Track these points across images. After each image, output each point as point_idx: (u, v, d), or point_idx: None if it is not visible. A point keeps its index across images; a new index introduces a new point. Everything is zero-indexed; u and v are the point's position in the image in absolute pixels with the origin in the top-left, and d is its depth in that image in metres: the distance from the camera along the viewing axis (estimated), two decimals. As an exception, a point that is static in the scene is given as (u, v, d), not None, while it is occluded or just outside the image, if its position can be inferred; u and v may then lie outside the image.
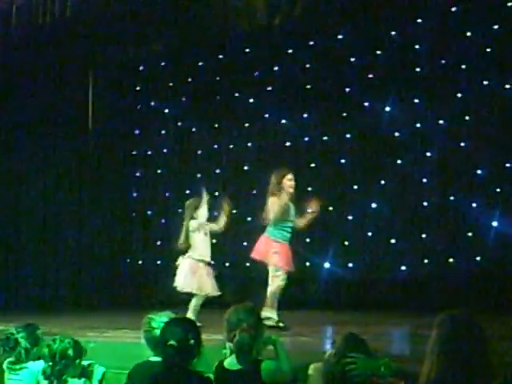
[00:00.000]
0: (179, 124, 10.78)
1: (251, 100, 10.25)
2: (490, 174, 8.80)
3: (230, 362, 3.73)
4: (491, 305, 7.49)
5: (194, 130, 10.65)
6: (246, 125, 10.30)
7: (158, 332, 3.76)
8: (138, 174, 11.02)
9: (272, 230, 7.02)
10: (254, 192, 9.64)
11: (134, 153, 11.08)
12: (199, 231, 7.32)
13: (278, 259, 6.97)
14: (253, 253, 7.16)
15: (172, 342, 3.40)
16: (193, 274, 7.20)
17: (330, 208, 9.57)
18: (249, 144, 10.27)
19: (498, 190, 8.72)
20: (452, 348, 2.59)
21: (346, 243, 9.56)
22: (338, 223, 9.64)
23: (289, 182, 7.11)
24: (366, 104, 9.59)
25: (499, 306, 7.43)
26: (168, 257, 10.50)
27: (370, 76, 9.53)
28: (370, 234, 9.48)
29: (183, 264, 7.28)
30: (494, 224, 8.65)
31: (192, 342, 3.44)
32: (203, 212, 7.40)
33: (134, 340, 4.80)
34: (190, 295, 7.20)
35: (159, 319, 3.99)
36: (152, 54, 10.50)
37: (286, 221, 7.05)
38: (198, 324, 3.83)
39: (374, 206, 9.46)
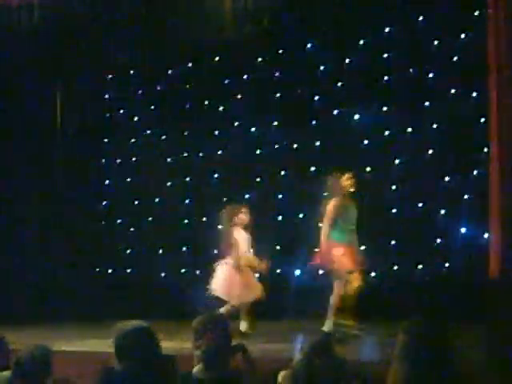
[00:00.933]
0: (148, 132, 10.73)
1: (221, 108, 10.25)
2: (457, 182, 8.89)
3: (198, 371, 3.70)
4: (459, 312, 7.53)
5: (163, 138, 10.61)
6: (216, 133, 10.29)
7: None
8: (106, 183, 10.94)
9: (332, 232, 7.03)
10: (224, 199, 9.62)
11: (103, 161, 11.00)
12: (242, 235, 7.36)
13: (343, 262, 6.89)
14: (315, 259, 7.12)
15: (129, 352, 3.35)
16: (228, 281, 7.20)
17: (300, 216, 9.60)
18: (219, 152, 10.26)
19: (466, 196, 8.81)
20: (417, 354, 2.59)
21: (316, 250, 9.55)
22: (308, 231, 9.63)
23: (348, 181, 7.13)
24: (335, 112, 9.65)
25: (467, 313, 7.48)
26: (138, 265, 10.55)
27: (339, 85, 9.59)
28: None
29: (221, 270, 7.22)
30: (462, 231, 8.74)
31: (147, 352, 3.37)
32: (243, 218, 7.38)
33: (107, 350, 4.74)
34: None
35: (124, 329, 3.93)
36: (121, 61, 10.45)
37: (346, 222, 7.01)
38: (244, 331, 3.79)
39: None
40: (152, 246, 10.38)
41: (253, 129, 10.12)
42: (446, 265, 8.80)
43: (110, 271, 10.68)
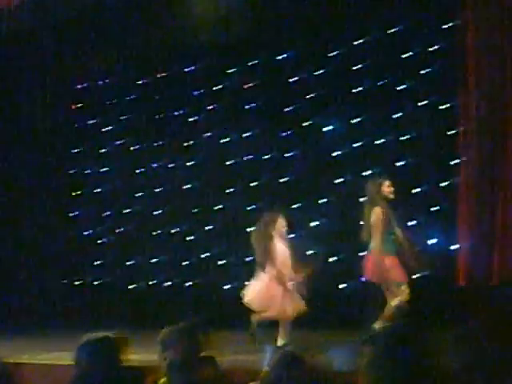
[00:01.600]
0: (118, 142, 10.66)
1: (192, 118, 10.21)
2: (427, 193, 8.92)
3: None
4: (427, 320, 7.55)
5: (133, 148, 10.54)
6: (187, 143, 10.25)
7: None
8: (75, 194, 10.83)
9: (380, 243, 6.73)
10: (195, 210, 9.60)
11: (72, 172, 10.90)
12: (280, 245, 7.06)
13: (398, 273, 6.70)
14: (366, 275, 6.82)
15: (87, 365, 3.28)
16: (267, 293, 6.94)
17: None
18: (190, 163, 10.21)
19: (437, 208, 8.85)
20: (387, 363, 2.56)
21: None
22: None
23: (389, 188, 6.90)
24: (307, 123, 9.67)
25: (435, 321, 7.49)
26: (107, 276, 10.44)
27: (311, 95, 9.62)
28: (310, 251, 9.49)
29: (261, 280, 6.99)
30: (433, 241, 8.77)
31: (102, 364, 3.30)
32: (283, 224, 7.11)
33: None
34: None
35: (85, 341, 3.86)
36: (91, 71, 10.38)
37: (390, 231, 6.78)
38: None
39: (314, 224, 9.48)
40: (122, 256, 10.29)
41: (225, 139, 10.09)
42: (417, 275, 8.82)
43: (77, 283, 10.56)
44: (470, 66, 5.63)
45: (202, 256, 9.94)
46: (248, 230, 9.69)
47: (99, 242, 10.56)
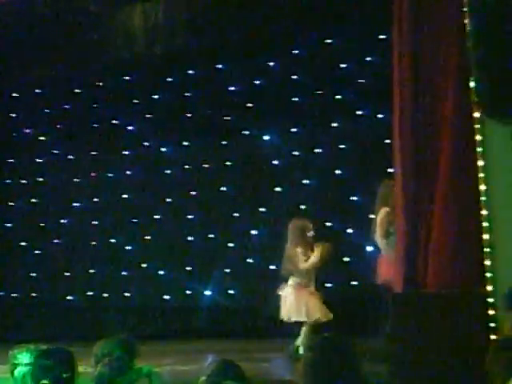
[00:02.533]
0: (55, 152, 10.50)
1: (130, 128, 10.15)
2: (364, 201, 9.07)
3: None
4: (366, 328, 7.67)
5: (70, 157, 10.40)
6: (125, 153, 10.17)
7: (21, 368, 3.59)
8: (12, 204, 10.62)
9: (387, 243, 6.63)
10: (134, 220, 9.54)
11: (7, 181, 10.68)
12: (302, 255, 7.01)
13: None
14: (382, 279, 6.62)
15: (44, 382, 3.23)
16: (297, 300, 6.88)
17: (211, 236, 9.61)
18: (128, 172, 10.14)
19: (373, 216, 8.99)
20: (322, 370, 2.62)
21: (227, 270, 9.57)
22: (219, 250, 9.65)
23: None
24: (246, 132, 9.73)
25: (374, 329, 7.62)
26: (43, 288, 10.24)
27: (250, 105, 9.68)
28: (250, 260, 9.54)
29: (288, 293, 6.93)
30: (369, 249, 8.91)
31: (65, 375, 3.29)
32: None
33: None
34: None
35: (20, 355, 3.81)
36: (27, 80, 10.20)
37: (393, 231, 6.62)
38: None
39: (254, 232, 9.54)
40: (59, 268, 10.13)
41: (162, 149, 10.07)
42: (354, 282, 8.95)
43: (14, 295, 10.35)
44: (395, 79, 5.76)
45: (142, 266, 9.87)
46: (189, 238, 9.75)
47: (36, 252, 10.36)
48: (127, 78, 10.08)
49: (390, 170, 7.26)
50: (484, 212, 4.95)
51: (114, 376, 3.48)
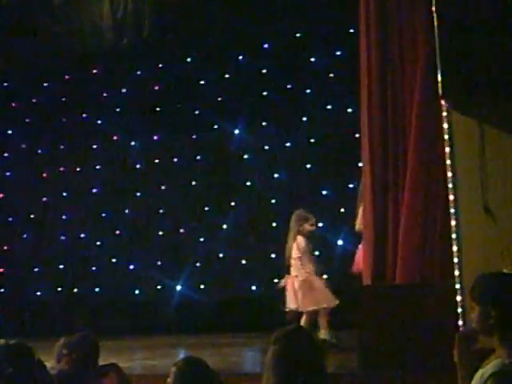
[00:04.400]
0: (23, 146, 10.38)
1: (99, 121, 10.06)
2: (334, 195, 9.11)
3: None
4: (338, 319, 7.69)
5: (39, 152, 10.29)
6: (94, 146, 10.09)
7: None
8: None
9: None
10: (103, 215, 9.47)
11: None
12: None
13: None
14: (357, 266, 6.60)
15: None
16: (310, 291, 6.81)
17: (182, 230, 9.57)
18: (97, 166, 10.06)
19: (343, 210, 9.03)
20: (287, 362, 2.61)
21: (198, 265, 9.55)
22: (190, 245, 9.63)
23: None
24: (216, 126, 9.70)
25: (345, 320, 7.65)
26: (12, 283, 10.12)
27: (219, 99, 9.64)
28: (221, 254, 9.52)
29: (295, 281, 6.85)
30: (339, 243, 8.95)
31: (10, 370, 3.19)
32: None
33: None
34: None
35: None
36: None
37: None
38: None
39: (225, 227, 9.52)
40: (28, 263, 10.03)
41: (132, 142, 10.00)
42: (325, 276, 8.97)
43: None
44: (362, 73, 5.76)
45: (112, 261, 9.80)
46: (159, 232, 9.69)
47: (4, 248, 10.24)
48: (95, 71, 9.99)
49: (360, 165, 7.32)
50: (451, 197, 4.97)
51: (75, 373, 3.45)
